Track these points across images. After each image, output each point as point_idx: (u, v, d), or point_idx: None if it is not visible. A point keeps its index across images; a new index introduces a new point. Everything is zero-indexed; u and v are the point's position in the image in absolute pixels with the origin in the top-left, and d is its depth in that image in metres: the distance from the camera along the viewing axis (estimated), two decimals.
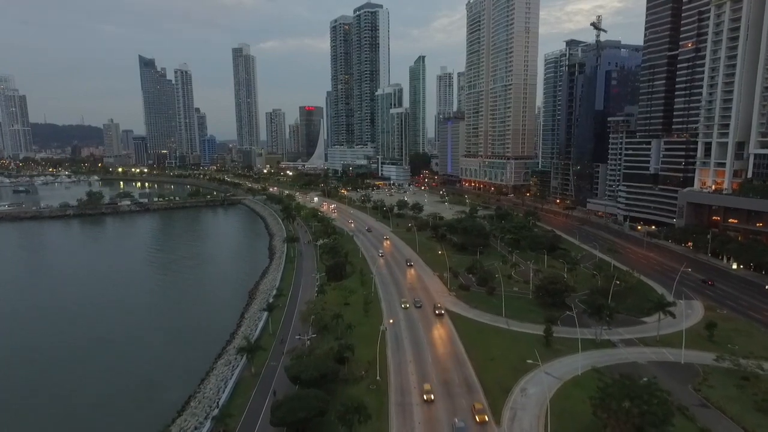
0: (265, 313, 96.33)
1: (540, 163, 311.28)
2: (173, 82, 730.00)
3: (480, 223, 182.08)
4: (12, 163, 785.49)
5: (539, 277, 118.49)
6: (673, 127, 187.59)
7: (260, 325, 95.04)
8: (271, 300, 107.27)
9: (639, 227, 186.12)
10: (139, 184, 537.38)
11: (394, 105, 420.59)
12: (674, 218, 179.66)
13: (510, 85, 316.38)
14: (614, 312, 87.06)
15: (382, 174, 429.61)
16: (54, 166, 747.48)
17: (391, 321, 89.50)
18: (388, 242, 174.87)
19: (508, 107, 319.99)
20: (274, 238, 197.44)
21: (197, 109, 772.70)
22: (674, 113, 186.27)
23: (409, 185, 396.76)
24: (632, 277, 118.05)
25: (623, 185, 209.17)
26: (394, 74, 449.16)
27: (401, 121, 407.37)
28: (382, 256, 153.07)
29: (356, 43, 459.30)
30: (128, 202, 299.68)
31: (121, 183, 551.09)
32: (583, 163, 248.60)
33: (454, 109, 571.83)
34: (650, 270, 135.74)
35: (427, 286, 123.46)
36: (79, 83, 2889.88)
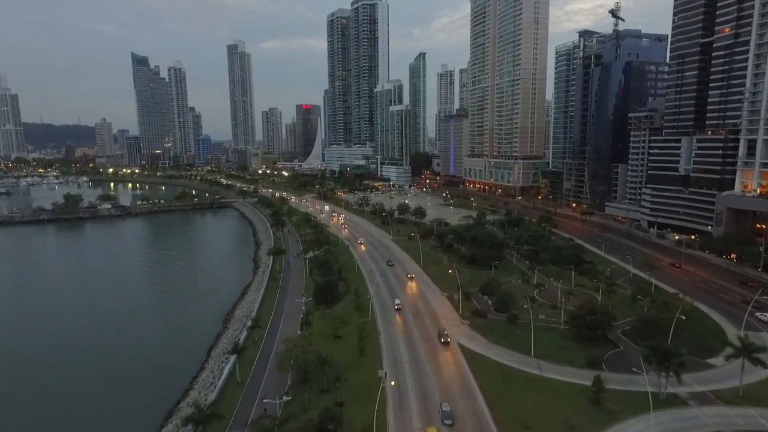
0: (233, 357, 75.63)
1: (550, 163, 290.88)
2: (167, 80, 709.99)
3: (491, 231, 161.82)
4: (2, 164, 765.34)
5: (572, 303, 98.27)
6: (707, 122, 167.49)
7: (226, 370, 74.75)
8: (241, 338, 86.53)
9: (676, 236, 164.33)
10: (130, 185, 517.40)
11: (394, 102, 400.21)
12: (710, 226, 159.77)
13: (518, 79, 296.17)
14: (684, 356, 66.48)
15: (381, 175, 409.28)
16: (45, 167, 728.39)
17: (393, 383, 69.05)
18: (414, 285, 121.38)
19: (516, 103, 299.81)
20: (261, 247, 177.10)
21: (192, 108, 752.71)
22: (708, 107, 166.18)
23: (410, 187, 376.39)
24: (683, 301, 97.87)
25: (648, 188, 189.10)
26: (394, 73, 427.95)
27: (401, 118, 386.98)
28: (399, 309, 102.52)
29: (354, 38, 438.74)
30: (109, 206, 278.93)
31: (112, 184, 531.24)
32: (599, 164, 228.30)
33: (456, 107, 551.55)
34: (694, 288, 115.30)
35: (434, 311, 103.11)
36: (78, 83, 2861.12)
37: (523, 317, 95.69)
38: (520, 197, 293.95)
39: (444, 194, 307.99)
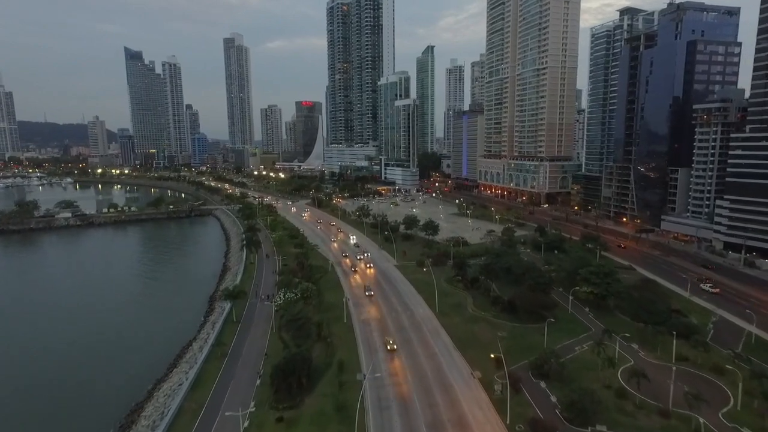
0: None
1: (583, 165, 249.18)
2: (162, 76, 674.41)
3: (531, 262, 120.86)
4: None
5: (699, 406, 57.34)
6: None
7: None
8: None
9: None
10: (119, 187, 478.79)
11: (400, 96, 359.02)
12: None
13: (544, 68, 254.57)
14: None
15: (385, 177, 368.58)
16: (36, 166, 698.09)
17: None
18: None
19: (541, 96, 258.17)
20: (226, 277, 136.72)
21: (189, 106, 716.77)
22: None
23: (418, 191, 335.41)
24: None
25: (724, 199, 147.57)
26: (400, 71, 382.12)
27: (408, 114, 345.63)
28: None
29: (356, 26, 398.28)
30: (68, 215, 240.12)
31: (100, 186, 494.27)
32: (651, 167, 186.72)
33: (467, 104, 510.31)
34: None
35: (462, 415, 62.54)
36: (82, 82, 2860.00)
37: None
38: (546, 205, 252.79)
39: (457, 201, 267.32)
